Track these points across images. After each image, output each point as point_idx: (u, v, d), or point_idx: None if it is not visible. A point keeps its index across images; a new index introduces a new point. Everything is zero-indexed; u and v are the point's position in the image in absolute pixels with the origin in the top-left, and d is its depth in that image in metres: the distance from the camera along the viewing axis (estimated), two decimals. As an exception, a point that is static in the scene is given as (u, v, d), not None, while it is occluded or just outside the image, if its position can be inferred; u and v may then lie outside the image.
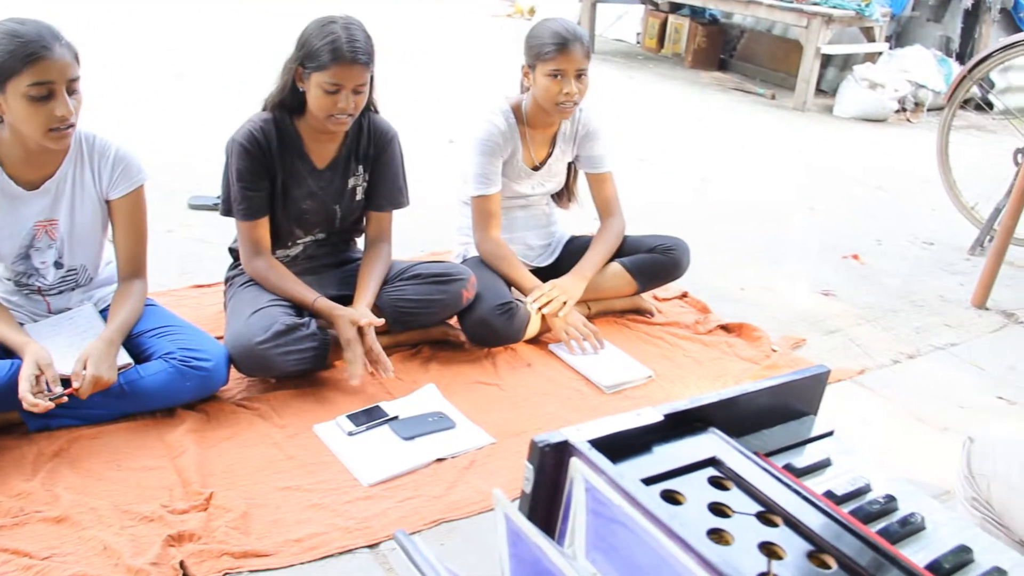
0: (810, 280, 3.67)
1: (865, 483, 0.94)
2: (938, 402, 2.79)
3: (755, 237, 4.12)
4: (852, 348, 3.09)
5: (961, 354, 3.18)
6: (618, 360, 2.78)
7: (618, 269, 3.01)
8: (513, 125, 2.86)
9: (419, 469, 2.18)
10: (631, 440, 0.87)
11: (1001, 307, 3.64)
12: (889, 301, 3.57)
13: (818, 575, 0.75)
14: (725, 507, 0.81)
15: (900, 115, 7.12)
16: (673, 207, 4.36)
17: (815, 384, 1.03)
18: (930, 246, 4.34)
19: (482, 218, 2.86)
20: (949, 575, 0.83)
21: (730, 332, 3.06)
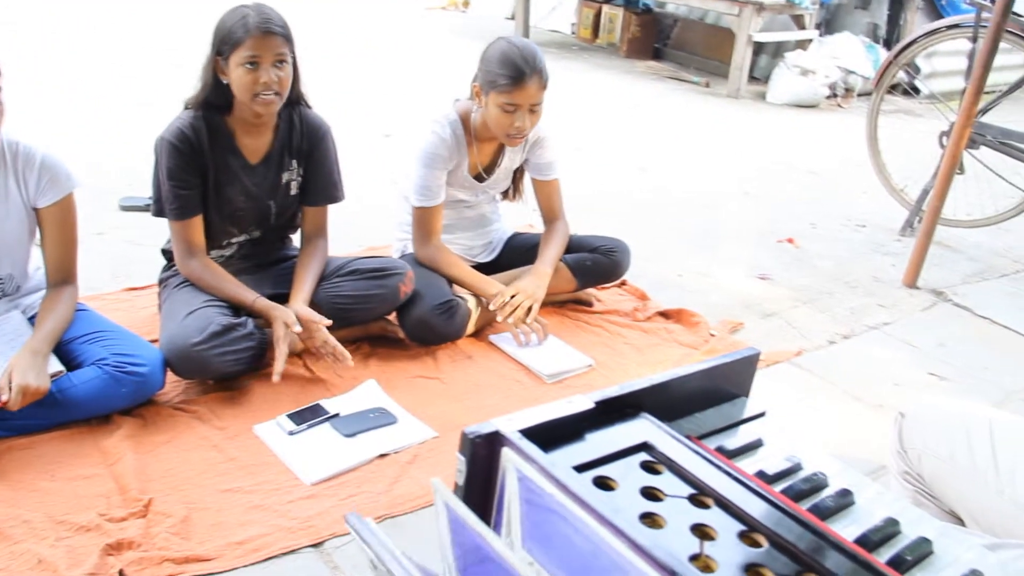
0: (747, 265, 3.72)
1: (796, 462, 0.95)
2: (873, 380, 2.85)
3: (692, 224, 4.16)
4: (789, 330, 3.14)
5: (894, 333, 3.25)
6: (559, 350, 2.79)
7: (560, 268, 3.02)
8: (460, 136, 2.82)
9: (362, 466, 2.17)
10: (563, 428, 0.87)
11: (931, 286, 3.73)
12: (824, 283, 3.64)
13: (750, 554, 0.76)
14: (657, 491, 0.82)
15: (831, 101, 7.24)
16: (611, 196, 4.38)
17: (746, 366, 1.05)
18: (862, 228, 4.42)
19: (423, 228, 2.84)
20: (877, 547, 0.84)
21: (669, 318, 3.10)
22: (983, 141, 4.15)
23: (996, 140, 4.14)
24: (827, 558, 0.77)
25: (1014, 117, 4.56)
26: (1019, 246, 4.46)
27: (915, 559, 0.84)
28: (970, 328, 3.39)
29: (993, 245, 4.41)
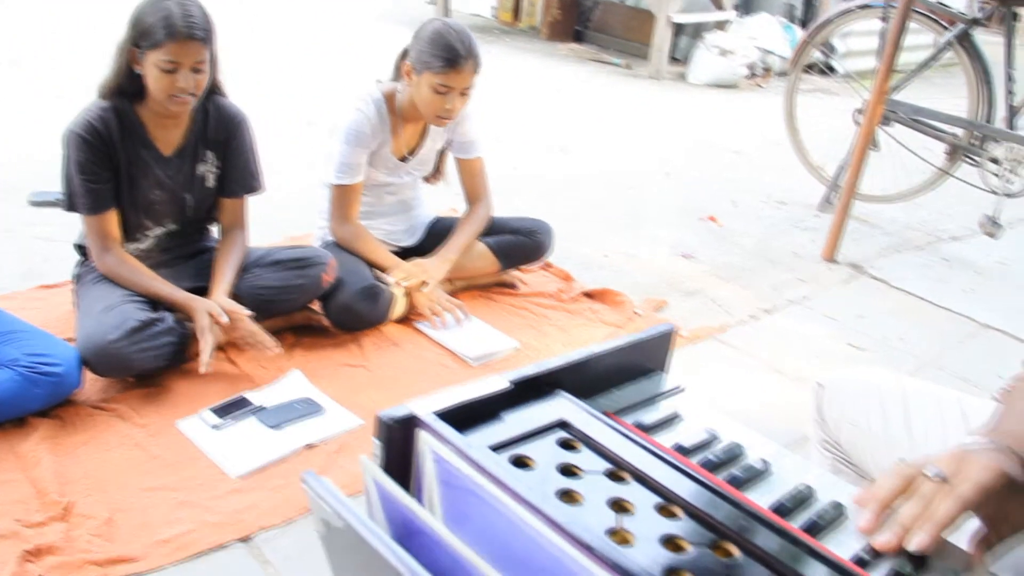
0: (670, 243, 3.76)
1: (713, 434, 0.97)
2: (795, 353, 2.90)
3: (615, 204, 4.19)
4: (712, 307, 3.19)
5: (814, 306, 3.32)
6: (483, 333, 2.80)
7: (483, 249, 3.02)
8: (384, 116, 2.80)
9: (289, 457, 2.14)
10: (479, 409, 0.87)
11: (849, 260, 3.81)
12: (746, 260, 3.70)
13: (667, 526, 0.77)
14: (575, 468, 0.82)
15: (750, 80, 7.35)
16: (533, 178, 4.39)
17: (662, 342, 1.06)
18: (782, 205, 4.50)
19: (341, 206, 2.82)
20: (791, 513, 0.86)
21: (593, 298, 3.12)
22: (895, 118, 4.24)
23: (908, 117, 4.24)
24: (743, 526, 0.78)
25: (924, 94, 4.68)
26: (932, 220, 4.58)
27: (828, 523, 0.86)
28: (887, 300, 3.48)
29: (907, 219, 4.52)
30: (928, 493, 0.87)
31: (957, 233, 4.47)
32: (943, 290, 3.66)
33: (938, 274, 3.87)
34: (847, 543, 0.84)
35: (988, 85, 4.20)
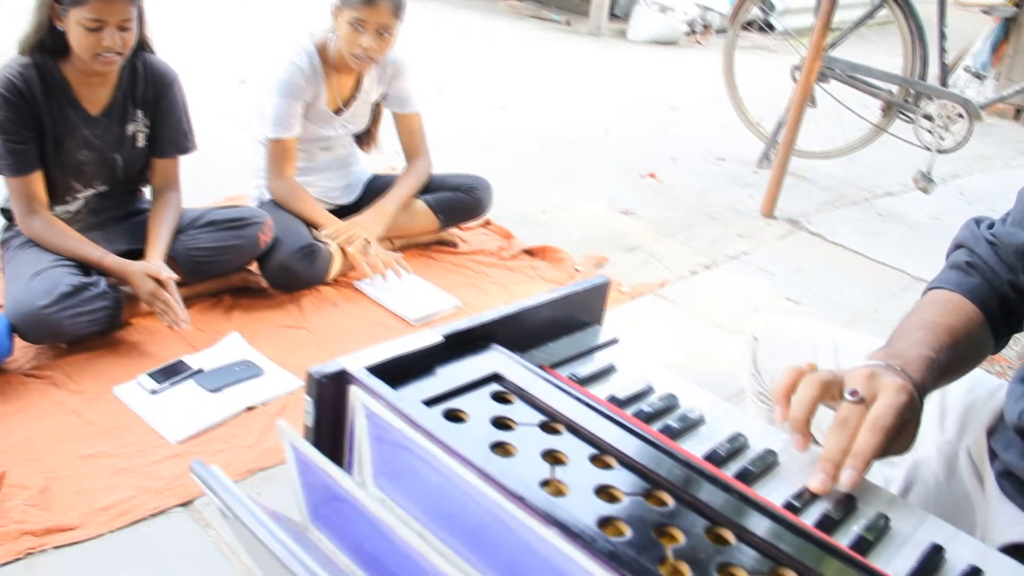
0: (610, 200, 3.77)
1: (648, 386, 0.97)
2: (734, 307, 2.94)
3: (555, 161, 4.18)
4: (652, 263, 3.21)
5: (753, 261, 3.35)
6: (424, 292, 2.78)
7: (421, 207, 3.00)
8: (317, 66, 2.76)
9: (229, 420, 2.12)
10: (412, 364, 0.86)
11: (787, 215, 3.86)
12: (685, 215, 3.72)
13: (600, 476, 0.77)
14: (508, 420, 0.82)
15: (690, 37, 7.36)
16: (473, 136, 4.37)
17: (596, 294, 1.05)
18: (721, 161, 4.53)
19: (277, 161, 2.78)
20: (724, 461, 0.87)
21: (534, 256, 3.13)
22: (832, 75, 4.29)
23: (844, 73, 4.29)
24: (675, 475, 0.79)
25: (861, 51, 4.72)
26: (868, 175, 4.65)
27: (761, 470, 0.87)
28: (823, 254, 3.54)
29: (844, 175, 4.58)
30: (851, 419, 0.89)
31: (892, 188, 4.55)
32: (878, 244, 3.72)
33: (873, 228, 3.93)
34: (779, 490, 0.86)
35: (922, 43, 4.25)
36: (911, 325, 1.10)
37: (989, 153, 5.73)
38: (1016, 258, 1.15)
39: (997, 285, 1.16)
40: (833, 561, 0.73)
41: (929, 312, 1.13)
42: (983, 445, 1.17)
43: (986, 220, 1.25)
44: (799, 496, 0.84)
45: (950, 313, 1.12)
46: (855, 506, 0.85)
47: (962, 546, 0.84)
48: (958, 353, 1.07)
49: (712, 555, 0.70)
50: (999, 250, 1.18)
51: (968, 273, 1.18)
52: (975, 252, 1.20)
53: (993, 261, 1.18)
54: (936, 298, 1.17)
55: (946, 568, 0.80)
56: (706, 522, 0.74)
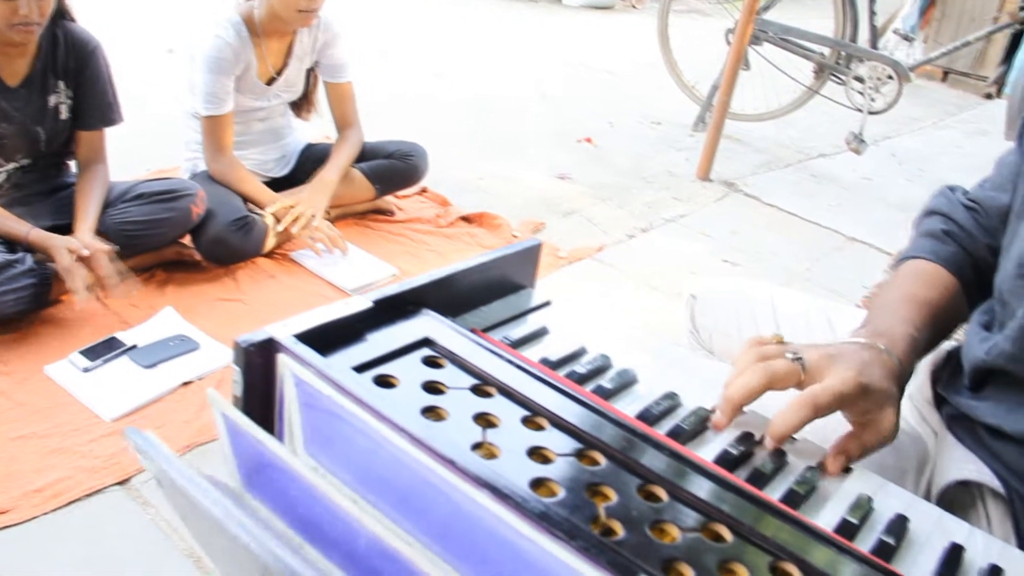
0: (546, 165, 3.77)
1: (581, 347, 0.97)
2: (671, 270, 2.96)
3: (491, 128, 4.16)
4: (590, 227, 3.21)
5: (690, 224, 3.38)
6: (361, 261, 2.77)
7: (357, 176, 2.98)
8: (245, 38, 2.69)
9: (165, 396, 2.09)
10: (342, 330, 0.85)
11: (723, 178, 3.89)
12: (622, 179, 3.73)
13: (532, 437, 0.77)
14: (440, 385, 0.81)
15: (625, 2, 7.37)
16: (408, 103, 4.33)
17: (528, 257, 1.05)
18: (658, 125, 4.55)
19: (213, 138, 2.72)
20: (657, 420, 0.87)
21: (471, 222, 3.12)
22: (765, 37, 4.32)
23: (777, 36, 4.32)
24: (607, 434, 0.79)
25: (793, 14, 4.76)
26: (801, 138, 4.71)
27: (693, 428, 0.87)
28: (759, 216, 3.58)
29: (778, 137, 4.63)
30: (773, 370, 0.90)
31: (825, 150, 4.61)
32: (812, 205, 3.77)
33: (807, 190, 3.98)
34: (712, 447, 0.86)
35: (852, 6, 4.30)
36: (893, 299, 1.10)
37: (919, 114, 5.83)
38: (998, 220, 1.16)
39: (974, 251, 1.18)
40: (764, 515, 0.74)
41: (910, 285, 1.13)
42: (928, 391, 1.19)
43: (959, 188, 1.27)
44: (731, 452, 0.85)
45: (930, 286, 1.13)
46: (786, 461, 0.87)
47: (889, 496, 0.85)
48: (937, 328, 1.08)
49: (644, 512, 0.70)
50: (979, 215, 1.20)
51: (944, 241, 1.20)
52: (952, 219, 1.21)
53: (971, 225, 1.19)
54: (915, 269, 1.18)
55: (873, 517, 0.81)
56: (638, 480, 0.74)
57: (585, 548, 0.62)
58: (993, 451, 1.02)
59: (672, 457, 0.78)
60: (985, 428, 1.03)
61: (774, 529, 0.72)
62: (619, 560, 0.63)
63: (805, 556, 0.70)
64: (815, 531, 0.74)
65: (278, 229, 2.70)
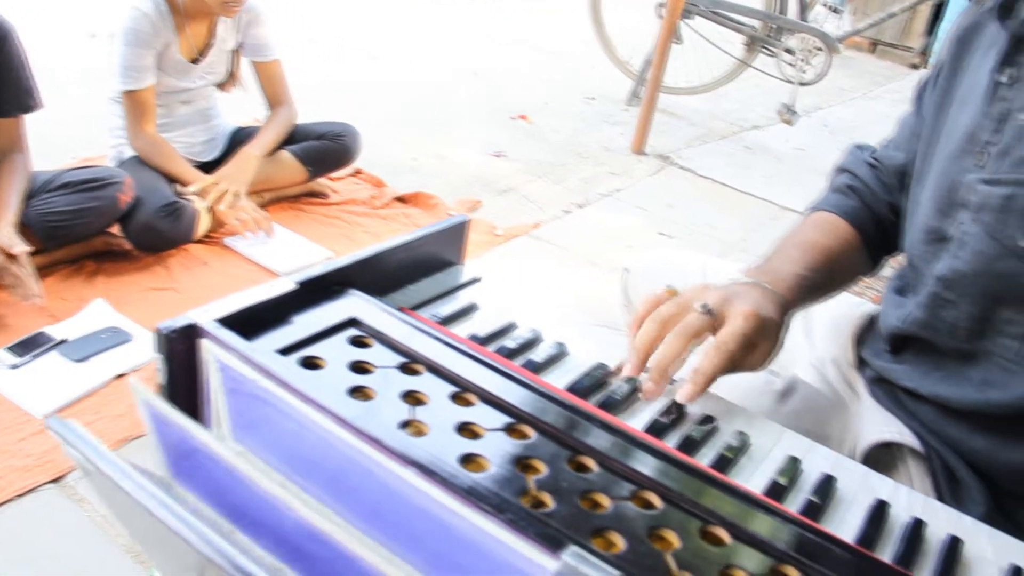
0: (482, 143, 3.76)
1: (510, 323, 0.97)
2: (608, 245, 2.97)
3: (426, 107, 4.14)
4: (526, 204, 3.21)
5: (625, 199, 3.39)
6: (296, 245, 2.74)
7: (288, 158, 2.93)
8: (165, 13, 2.63)
9: (98, 390, 2.05)
10: (266, 313, 0.83)
11: (657, 151, 3.91)
12: (557, 156, 3.73)
13: (461, 413, 0.77)
14: (367, 364, 0.80)
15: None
16: (342, 85, 4.28)
17: (455, 234, 1.04)
18: (592, 101, 4.56)
19: (134, 114, 2.66)
20: (587, 393, 0.88)
21: (406, 203, 3.10)
22: (697, 11, 4.34)
23: (708, 10, 4.35)
24: (536, 407, 0.79)
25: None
26: (734, 110, 4.75)
27: (623, 398, 0.88)
28: (694, 188, 3.60)
29: (711, 110, 4.67)
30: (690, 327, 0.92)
31: (758, 122, 4.66)
32: (746, 176, 3.81)
33: (741, 161, 4.02)
34: (641, 416, 0.87)
35: (781, -23, 4.34)
36: (787, 244, 1.14)
37: (849, 85, 5.92)
38: (896, 179, 1.20)
39: (875, 207, 1.21)
40: (693, 480, 0.74)
41: (807, 232, 1.17)
42: (851, 355, 1.22)
43: (868, 147, 1.30)
44: (660, 420, 0.86)
45: (827, 234, 1.16)
46: (716, 427, 0.88)
47: (817, 457, 0.87)
48: (831, 273, 1.11)
49: (575, 483, 0.71)
50: (880, 172, 1.23)
51: (848, 196, 1.23)
52: (856, 175, 1.24)
53: (873, 183, 1.22)
54: (815, 219, 1.21)
55: (802, 479, 0.83)
56: (568, 452, 0.74)
57: (513, 521, 0.62)
58: (912, 412, 1.04)
59: (602, 428, 0.78)
60: (903, 390, 1.06)
61: (703, 494, 0.73)
62: (548, 532, 0.63)
63: (734, 519, 0.71)
64: (744, 494, 0.75)
65: (203, 206, 2.65)
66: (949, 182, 1.00)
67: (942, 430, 1.00)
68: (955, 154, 1.00)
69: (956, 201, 0.98)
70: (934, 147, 1.07)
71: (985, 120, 0.96)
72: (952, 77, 1.07)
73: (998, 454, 0.95)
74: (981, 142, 0.96)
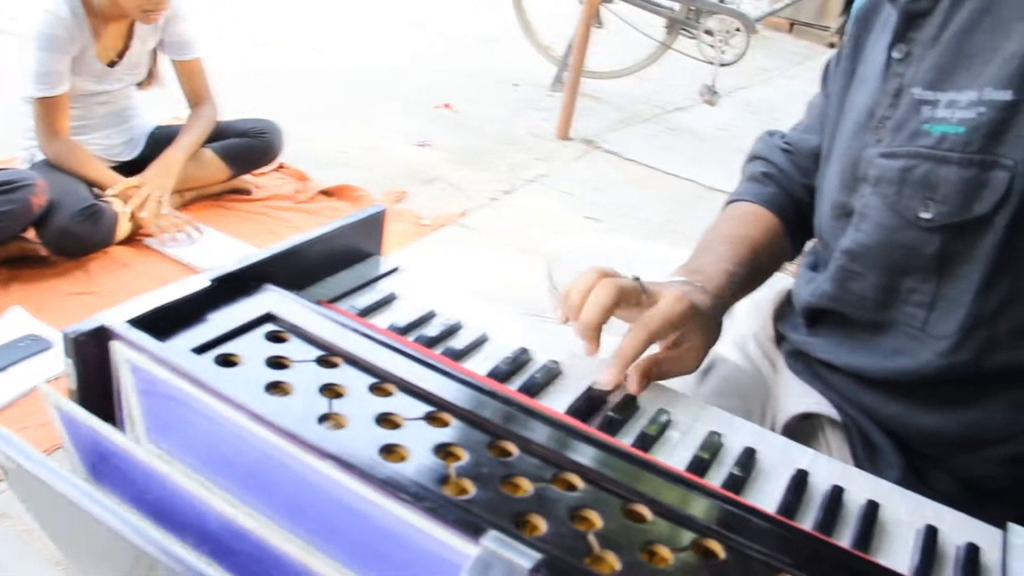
0: (407, 134, 3.74)
1: (430, 311, 0.97)
2: (536, 230, 2.98)
3: (349, 99, 4.10)
4: (453, 192, 3.21)
5: (552, 184, 3.41)
6: (220, 244, 2.70)
7: (210, 156, 2.89)
8: (81, 16, 2.55)
9: (19, 400, 2.00)
10: (179, 312, 0.82)
11: (582, 136, 3.93)
12: (483, 143, 3.73)
13: (380, 404, 0.76)
14: (284, 359, 0.80)
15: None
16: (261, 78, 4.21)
17: (372, 224, 1.04)
18: (516, 87, 4.56)
19: (47, 120, 2.59)
20: (508, 377, 0.88)
21: (332, 196, 3.08)
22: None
23: (627, -8, 4.38)
24: (456, 394, 0.78)
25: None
26: (657, 92, 4.79)
27: (545, 381, 0.88)
28: (619, 172, 3.63)
29: (634, 93, 4.70)
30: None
31: (681, 104, 4.71)
32: (670, 158, 3.85)
33: (665, 143, 4.06)
34: (563, 399, 0.87)
35: (699, -42, 4.38)
36: (713, 240, 1.14)
37: (768, 65, 6.01)
38: (811, 162, 1.21)
39: (792, 191, 1.23)
40: (614, 460, 0.75)
41: (730, 225, 1.18)
42: (771, 330, 1.24)
43: (778, 132, 1.32)
44: (582, 402, 0.86)
45: (750, 224, 1.18)
46: (637, 405, 0.89)
47: (739, 431, 0.88)
48: (759, 264, 1.13)
49: (495, 469, 0.71)
50: (794, 157, 1.25)
51: (764, 183, 1.24)
52: (771, 162, 1.26)
53: (789, 167, 1.24)
54: (737, 211, 1.22)
55: (724, 453, 0.84)
56: (488, 437, 0.75)
57: (433, 509, 0.62)
58: (828, 383, 1.07)
59: (522, 412, 0.78)
60: (820, 362, 1.08)
61: (625, 473, 0.73)
62: (468, 518, 0.63)
63: (656, 496, 0.71)
64: (666, 471, 0.75)
65: (125, 211, 2.60)
66: (852, 157, 1.02)
67: (857, 399, 1.03)
68: (856, 130, 1.02)
69: (858, 176, 1.01)
70: (839, 125, 1.09)
71: (882, 96, 0.99)
72: (854, 56, 1.10)
73: (910, 419, 0.98)
74: (878, 117, 0.99)
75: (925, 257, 0.92)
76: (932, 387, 0.95)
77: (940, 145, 0.88)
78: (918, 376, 0.95)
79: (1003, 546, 0.77)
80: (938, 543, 0.76)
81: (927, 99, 0.91)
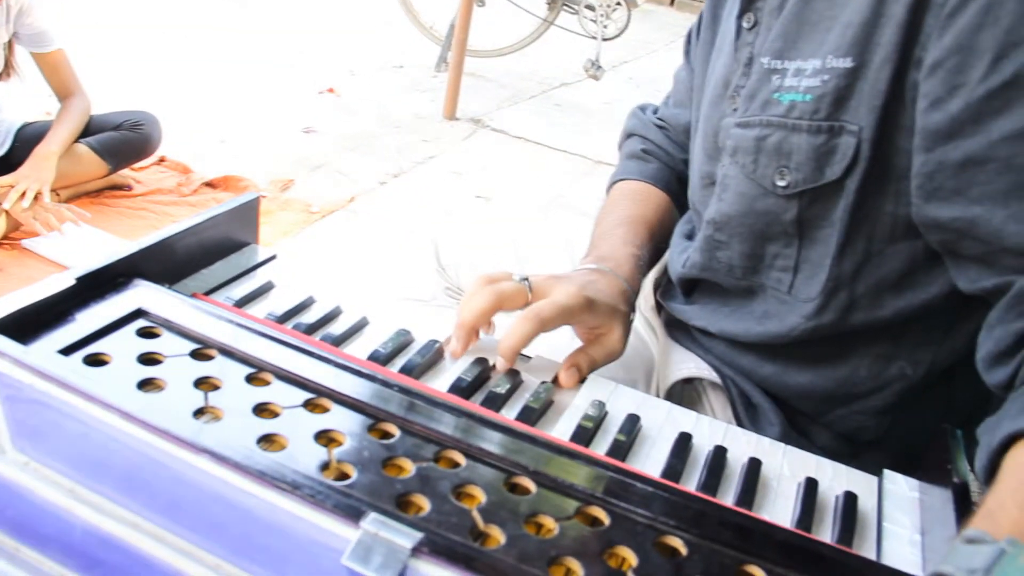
0: (290, 121, 3.68)
1: (308, 298, 0.96)
2: (427, 212, 2.97)
3: (231, 88, 4.01)
4: (340, 178, 3.17)
5: (440, 165, 3.40)
6: (101, 242, 2.60)
7: (85, 151, 2.78)
8: None
9: None
10: (43, 313, 0.79)
11: (469, 115, 3.93)
12: (368, 127, 3.70)
13: (258, 394, 0.75)
14: (156, 355, 0.78)
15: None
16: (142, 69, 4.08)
17: (246, 212, 1.02)
18: (400, 69, 4.52)
19: None
20: (388, 359, 0.88)
21: (216, 187, 3.01)
22: (495, -29, 4.36)
23: (506, -31, 4.37)
24: (334, 380, 0.78)
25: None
26: (542, 69, 4.81)
27: (426, 361, 0.88)
28: (508, 149, 3.64)
29: (519, 70, 4.71)
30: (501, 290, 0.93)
31: (566, 79, 4.74)
32: (558, 133, 3.88)
33: (552, 119, 4.09)
34: (445, 378, 0.88)
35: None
36: (610, 223, 1.15)
37: (651, 38, 6.09)
38: (685, 136, 1.23)
39: (674, 166, 1.25)
40: (497, 435, 0.76)
41: (624, 206, 1.19)
42: (652, 300, 1.26)
43: (650, 106, 1.33)
44: (464, 380, 0.87)
45: (641, 203, 1.19)
46: (520, 380, 0.89)
47: (622, 398, 0.90)
48: (657, 242, 1.15)
49: (376, 451, 0.71)
50: (669, 132, 1.26)
51: (646, 160, 1.26)
52: (647, 139, 1.27)
53: (666, 144, 1.26)
54: (625, 191, 1.23)
55: (608, 421, 0.86)
56: (369, 420, 0.74)
57: (311, 496, 0.61)
58: (707, 348, 1.10)
59: (403, 393, 0.78)
60: (697, 329, 1.11)
61: (507, 448, 0.74)
62: (348, 503, 0.63)
63: (539, 467, 0.72)
64: (548, 443, 0.76)
65: (4, 207, 2.49)
66: (712, 127, 1.04)
67: (735, 361, 1.05)
68: (714, 100, 1.05)
69: (719, 145, 1.03)
70: (701, 96, 1.11)
71: (735, 65, 1.01)
72: (713, 26, 1.12)
73: (785, 378, 1.01)
74: (733, 86, 1.01)
75: (785, 223, 0.94)
76: (802, 347, 0.99)
77: (790, 114, 0.91)
78: (788, 338, 0.98)
79: (878, 492, 0.81)
80: (818, 494, 0.79)
81: (776, 68, 0.94)
